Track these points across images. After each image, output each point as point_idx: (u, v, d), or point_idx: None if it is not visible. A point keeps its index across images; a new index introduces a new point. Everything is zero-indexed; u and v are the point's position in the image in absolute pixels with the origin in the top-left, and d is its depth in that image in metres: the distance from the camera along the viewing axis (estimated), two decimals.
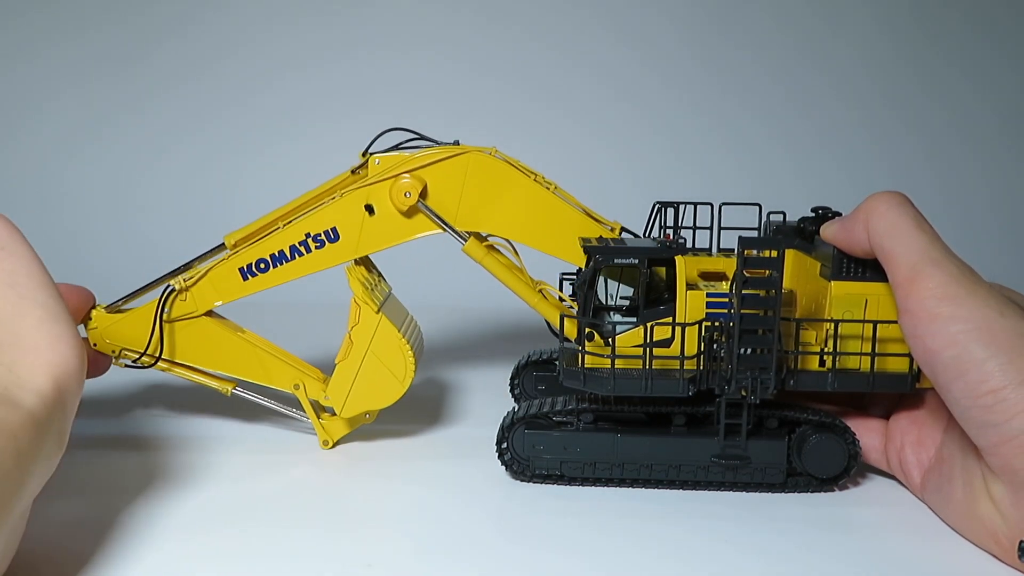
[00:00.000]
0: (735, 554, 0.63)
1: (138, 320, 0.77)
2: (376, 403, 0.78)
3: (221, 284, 0.77)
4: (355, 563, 0.61)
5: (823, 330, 0.70)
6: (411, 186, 0.74)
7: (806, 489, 0.72)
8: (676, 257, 0.70)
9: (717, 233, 0.80)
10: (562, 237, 0.76)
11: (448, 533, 0.66)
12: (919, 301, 0.61)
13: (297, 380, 0.79)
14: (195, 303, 0.77)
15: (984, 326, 0.58)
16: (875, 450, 0.73)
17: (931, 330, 0.60)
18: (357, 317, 0.75)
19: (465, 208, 0.76)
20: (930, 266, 0.61)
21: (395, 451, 0.79)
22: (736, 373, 0.68)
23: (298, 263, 0.77)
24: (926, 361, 0.61)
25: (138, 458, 0.77)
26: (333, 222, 0.76)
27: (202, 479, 0.73)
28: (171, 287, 0.77)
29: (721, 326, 0.68)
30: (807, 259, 0.74)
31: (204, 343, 0.79)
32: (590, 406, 0.72)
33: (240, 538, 0.64)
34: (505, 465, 0.73)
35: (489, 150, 0.76)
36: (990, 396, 0.57)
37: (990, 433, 0.58)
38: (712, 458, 0.71)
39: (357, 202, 0.75)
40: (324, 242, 0.76)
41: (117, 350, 0.78)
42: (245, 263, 0.76)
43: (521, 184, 0.76)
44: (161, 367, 0.79)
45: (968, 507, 0.63)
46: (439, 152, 0.75)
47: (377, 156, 0.76)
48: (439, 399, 0.93)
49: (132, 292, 0.80)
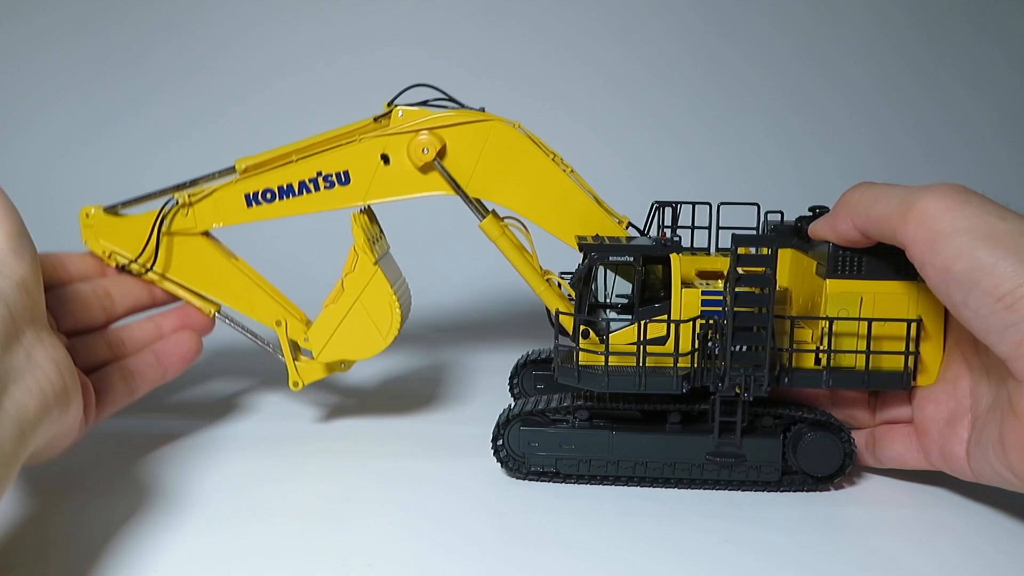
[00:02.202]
0: (731, 552, 0.63)
1: (136, 226, 0.77)
2: (355, 353, 0.78)
3: (224, 206, 0.77)
4: (355, 563, 0.61)
5: (819, 328, 0.70)
6: (430, 143, 0.74)
7: (801, 488, 0.72)
8: (671, 255, 0.70)
9: (715, 232, 0.80)
10: (569, 220, 0.76)
11: (446, 531, 0.66)
12: (918, 227, 0.61)
13: (280, 317, 0.79)
14: (195, 220, 0.77)
15: (986, 232, 0.58)
16: (912, 452, 0.71)
17: (937, 248, 0.60)
18: (353, 265, 0.75)
19: (479, 175, 0.76)
20: (918, 197, 0.61)
21: (394, 450, 0.79)
22: (730, 370, 0.68)
23: (304, 199, 0.76)
24: (940, 284, 0.61)
25: (137, 459, 0.77)
26: (347, 165, 0.75)
27: (201, 479, 0.73)
28: (174, 200, 0.76)
29: (715, 323, 0.68)
30: (804, 258, 0.74)
31: (196, 263, 0.78)
32: (585, 403, 0.73)
33: (240, 538, 0.64)
34: (500, 462, 0.73)
35: (514, 123, 0.75)
36: (1008, 296, 0.57)
37: (1012, 333, 0.57)
38: (707, 456, 0.71)
39: (374, 150, 0.75)
40: (334, 183, 0.76)
41: (108, 252, 0.78)
42: (251, 190, 0.76)
43: (538, 161, 0.76)
44: (150, 277, 0.79)
45: (1003, 440, 0.61)
46: (464, 115, 0.75)
47: (402, 108, 0.75)
48: (439, 398, 0.93)
49: (134, 198, 0.79)
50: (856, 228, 0.66)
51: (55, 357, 0.60)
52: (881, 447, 0.73)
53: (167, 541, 0.63)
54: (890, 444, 0.72)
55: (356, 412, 0.88)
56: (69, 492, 0.70)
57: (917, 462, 0.71)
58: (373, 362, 1.02)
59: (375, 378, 0.98)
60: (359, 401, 0.91)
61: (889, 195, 0.64)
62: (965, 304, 0.60)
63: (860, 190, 0.66)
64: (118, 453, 0.77)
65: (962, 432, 0.67)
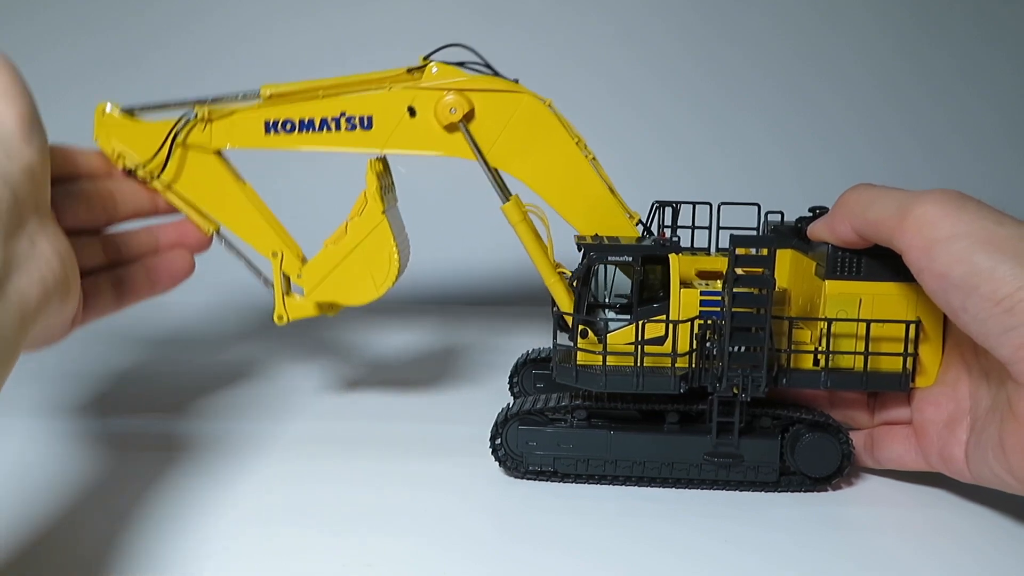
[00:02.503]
0: (729, 552, 0.63)
1: (150, 132, 0.76)
2: (346, 298, 0.77)
3: (242, 128, 0.76)
4: (355, 563, 0.61)
5: (818, 329, 0.70)
6: (459, 103, 0.73)
7: (799, 488, 0.72)
8: (670, 255, 0.70)
9: (716, 232, 0.80)
10: (581, 205, 0.76)
11: (445, 531, 0.66)
12: (916, 230, 0.61)
13: (277, 249, 0.78)
14: (210, 137, 0.76)
15: (983, 237, 0.58)
16: (911, 454, 0.72)
17: (935, 254, 0.60)
18: (361, 210, 0.75)
19: (501, 145, 0.75)
20: (915, 203, 0.61)
21: (393, 450, 0.79)
22: (728, 371, 0.68)
23: (322, 136, 0.76)
24: (939, 289, 0.61)
25: (136, 459, 0.77)
26: (372, 111, 0.75)
27: (200, 480, 0.73)
28: (194, 113, 0.75)
29: (714, 324, 0.68)
30: (803, 258, 0.74)
31: (204, 179, 0.77)
32: (583, 403, 0.73)
33: (240, 539, 0.64)
34: (499, 462, 0.74)
35: (546, 101, 0.75)
36: (1008, 300, 0.57)
37: (1012, 336, 0.57)
38: (705, 456, 0.71)
39: (402, 100, 0.74)
40: (356, 126, 0.75)
41: (118, 153, 0.77)
42: (273, 118, 0.75)
43: (562, 142, 0.75)
44: (156, 186, 0.77)
45: (1003, 442, 0.62)
46: (498, 83, 0.74)
47: (436, 64, 0.75)
48: (438, 398, 0.93)
49: (154, 104, 0.78)
50: (853, 230, 0.66)
51: (58, 247, 0.59)
52: (880, 448, 0.73)
53: (167, 542, 0.63)
54: (889, 445, 0.72)
55: (354, 413, 0.88)
56: (99, 491, 0.71)
57: (916, 463, 0.71)
58: (372, 362, 1.03)
59: (373, 378, 0.98)
60: (357, 401, 0.91)
61: (886, 199, 0.64)
62: (964, 309, 0.60)
63: (857, 192, 0.66)
64: (117, 454, 0.77)
65: (961, 434, 0.67)
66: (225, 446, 0.79)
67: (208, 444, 0.80)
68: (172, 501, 0.69)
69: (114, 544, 0.62)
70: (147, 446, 0.79)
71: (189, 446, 0.79)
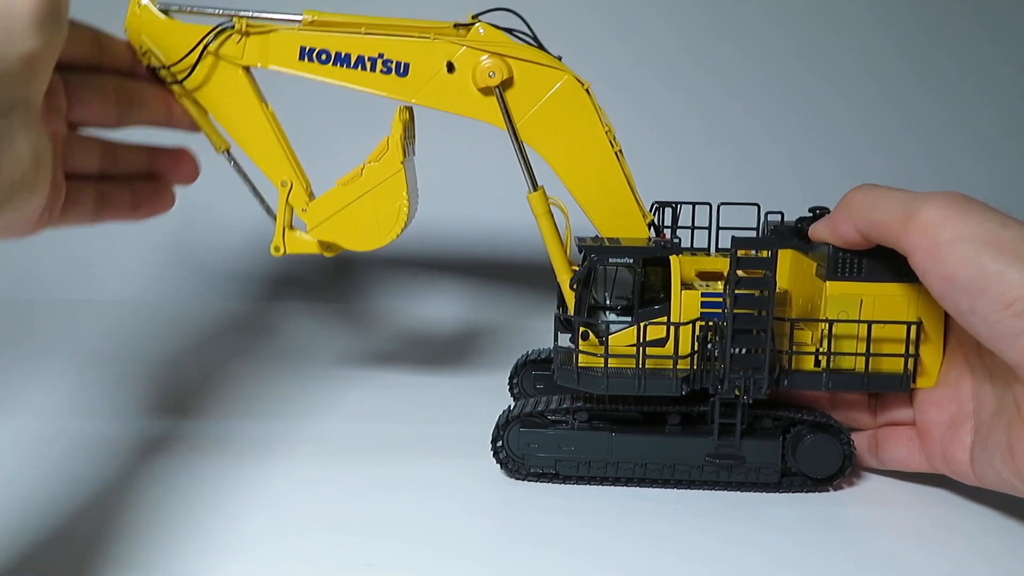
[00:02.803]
0: (731, 553, 0.63)
1: (183, 34, 0.73)
2: (348, 241, 0.76)
3: (277, 49, 0.74)
4: (355, 563, 0.61)
5: (818, 330, 0.70)
6: (499, 68, 0.72)
7: (801, 489, 0.72)
8: (671, 257, 0.70)
9: (715, 233, 0.80)
10: (598, 194, 0.75)
11: (446, 532, 0.66)
12: (921, 232, 0.61)
13: (288, 178, 0.77)
14: (243, 51, 0.74)
15: (989, 239, 0.58)
16: (915, 455, 0.72)
17: (942, 256, 0.60)
18: (380, 156, 0.74)
19: (533, 119, 0.74)
20: (919, 205, 0.61)
21: (393, 451, 0.80)
22: (729, 373, 0.68)
23: (356, 74, 0.74)
24: (946, 292, 0.61)
25: (134, 460, 0.77)
26: (410, 58, 0.73)
27: (198, 480, 0.73)
28: (232, 23, 0.73)
29: (715, 326, 0.68)
30: (804, 259, 0.74)
31: (227, 94, 0.75)
32: (584, 405, 0.73)
33: (239, 539, 0.64)
34: (500, 463, 0.74)
35: (586, 84, 0.74)
36: (1018, 303, 0.57)
37: (1023, 341, 0.57)
38: (706, 457, 0.71)
39: (444, 54, 0.73)
40: (391, 70, 0.74)
41: (145, 49, 0.74)
42: (310, 44, 0.74)
43: (593, 128, 0.74)
44: (176, 90, 0.75)
45: (1011, 446, 0.62)
46: (542, 56, 0.73)
47: (483, 25, 0.74)
48: (439, 398, 0.93)
49: (192, 7, 0.75)
50: (857, 231, 0.66)
51: (36, 145, 0.57)
52: (883, 449, 0.73)
53: (166, 542, 0.63)
54: (893, 447, 0.73)
55: (354, 414, 0.88)
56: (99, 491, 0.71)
57: (920, 465, 0.71)
58: (370, 361, 1.03)
59: (373, 379, 0.98)
60: (357, 402, 0.91)
61: (891, 200, 0.63)
62: (973, 311, 0.59)
63: (861, 192, 0.66)
64: (117, 455, 0.77)
65: (965, 436, 0.67)
66: (224, 448, 0.79)
67: (207, 446, 0.80)
68: (171, 502, 0.69)
69: (113, 544, 0.62)
70: (145, 448, 0.78)
71: (188, 448, 0.79)
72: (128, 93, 0.72)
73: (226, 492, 0.71)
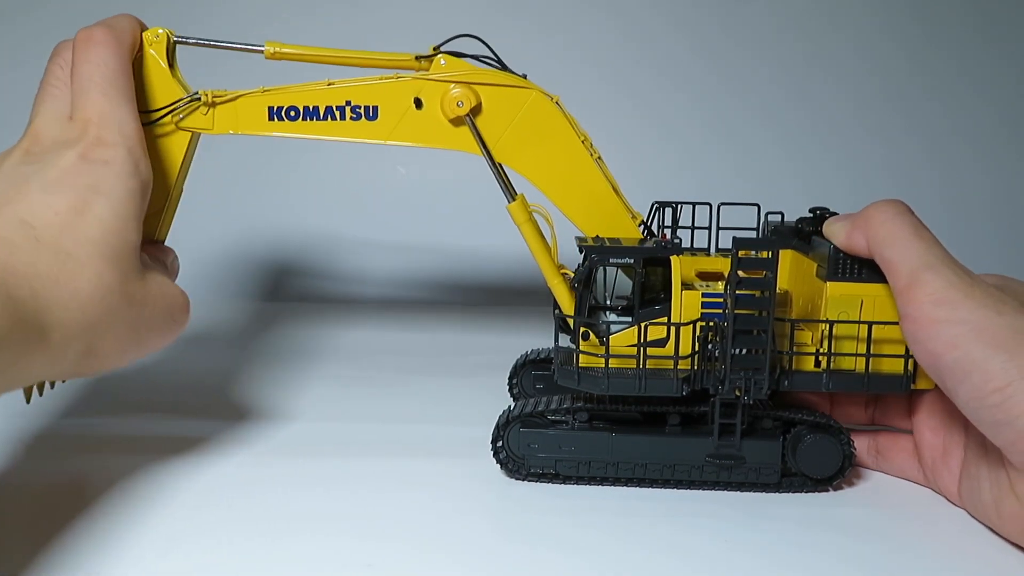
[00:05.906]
0: (731, 553, 0.63)
1: (166, 89, 0.74)
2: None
3: (246, 114, 0.74)
4: (355, 563, 0.61)
5: (819, 331, 0.70)
6: (467, 97, 0.72)
7: (801, 489, 0.72)
8: (671, 257, 0.70)
9: (716, 233, 0.80)
10: (583, 203, 0.76)
11: (446, 532, 0.66)
12: (918, 306, 0.61)
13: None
14: (212, 122, 0.75)
15: (982, 326, 0.59)
16: (914, 468, 0.73)
17: (931, 334, 0.60)
18: None
19: (507, 140, 0.74)
20: (927, 272, 0.62)
21: (393, 451, 0.79)
22: (730, 373, 0.68)
23: (327, 125, 0.75)
24: (930, 366, 0.62)
25: (135, 460, 0.77)
26: (377, 100, 0.74)
27: (198, 480, 0.73)
28: (197, 95, 0.73)
29: (715, 326, 0.68)
30: (804, 259, 0.74)
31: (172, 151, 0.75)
32: (585, 405, 0.73)
33: (240, 539, 0.64)
34: (500, 464, 0.74)
35: (554, 97, 0.74)
36: (997, 395, 0.57)
37: (1005, 431, 0.58)
38: (706, 458, 0.71)
39: (409, 91, 0.74)
40: (361, 116, 0.74)
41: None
42: (276, 103, 0.74)
43: (567, 140, 0.75)
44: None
45: (997, 507, 0.63)
46: (506, 78, 0.74)
47: (444, 56, 0.74)
48: (438, 399, 0.93)
49: (208, 41, 0.76)
50: (868, 251, 0.66)
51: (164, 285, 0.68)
52: (884, 459, 0.75)
53: (164, 542, 0.63)
54: (893, 457, 0.74)
55: (354, 414, 0.88)
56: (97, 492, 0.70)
57: (917, 479, 0.73)
58: (369, 362, 1.03)
59: (373, 379, 0.98)
60: (357, 403, 0.91)
61: (905, 249, 0.63)
62: (955, 394, 0.61)
63: (884, 218, 0.65)
64: (117, 455, 0.77)
65: (954, 467, 0.69)
66: (223, 448, 0.79)
67: (205, 446, 0.79)
68: (169, 503, 0.69)
69: (111, 545, 0.62)
70: (140, 448, 0.78)
71: (185, 448, 0.79)
72: None
73: (226, 492, 0.71)
